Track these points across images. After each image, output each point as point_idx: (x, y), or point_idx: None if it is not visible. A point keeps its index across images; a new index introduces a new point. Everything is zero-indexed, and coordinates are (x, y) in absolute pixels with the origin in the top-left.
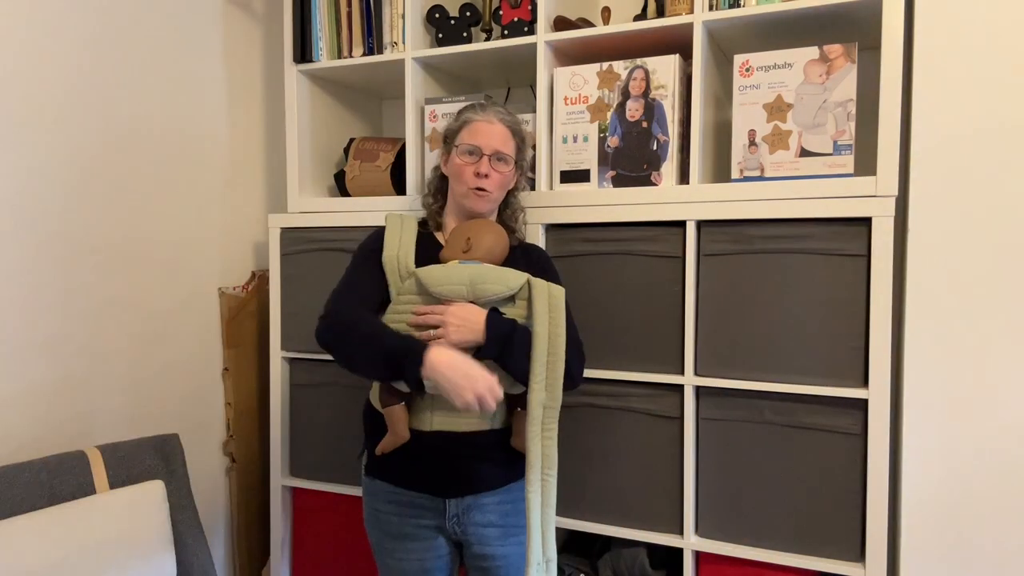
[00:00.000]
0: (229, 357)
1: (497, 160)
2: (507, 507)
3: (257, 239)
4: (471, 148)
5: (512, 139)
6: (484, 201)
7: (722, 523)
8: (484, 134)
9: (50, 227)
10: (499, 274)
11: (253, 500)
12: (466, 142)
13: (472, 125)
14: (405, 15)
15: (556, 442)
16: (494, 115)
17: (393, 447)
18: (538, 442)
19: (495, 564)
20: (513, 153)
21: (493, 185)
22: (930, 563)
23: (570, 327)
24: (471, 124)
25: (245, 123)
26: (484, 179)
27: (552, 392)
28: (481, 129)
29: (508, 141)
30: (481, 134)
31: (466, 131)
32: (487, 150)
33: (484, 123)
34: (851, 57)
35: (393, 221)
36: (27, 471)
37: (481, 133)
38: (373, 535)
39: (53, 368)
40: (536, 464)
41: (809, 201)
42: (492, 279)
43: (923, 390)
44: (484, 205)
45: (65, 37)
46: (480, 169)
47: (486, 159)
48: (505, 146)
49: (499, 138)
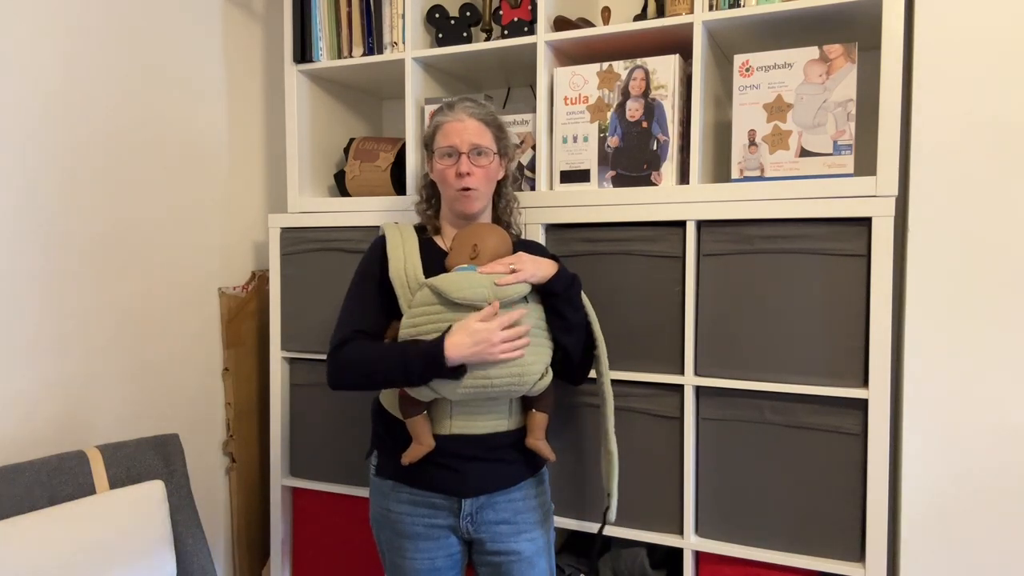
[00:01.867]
0: (229, 357)
1: (476, 155)
2: (519, 504)
3: (257, 239)
4: (447, 150)
5: (487, 130)
6: (474, 200)
7: (722, 523)
8: (456, 132)
9: (50, 227)
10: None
11: (253, 500)
12: (442, 145)
13: (444, 127)
14: (405, 15)
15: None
16: (463, 112)
17: (420, 456)
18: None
19: (508, 560)
20: (492, 144)
21: (478, 181)
22: (930, 563)
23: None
24: (443, 127)
25: (245, 123)
26: (467, 177)
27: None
28: (453, 129)
29: (483, 133)
30: (453, 133)
31: (439, 134)
32: (463, 147)
33: (455, 122)
34: (851, 57)
35: (392, 232)
36: (27, 471)
37: (453, 132)
38: (382, 535)
39: (53, 368)
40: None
41: (809, 201)
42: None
43: (923, 390)
44: (475, 204)
45: (64, 37)
46: (461, 169)
47: (464, 157)
48: (481, 139)
49: (473, 132)
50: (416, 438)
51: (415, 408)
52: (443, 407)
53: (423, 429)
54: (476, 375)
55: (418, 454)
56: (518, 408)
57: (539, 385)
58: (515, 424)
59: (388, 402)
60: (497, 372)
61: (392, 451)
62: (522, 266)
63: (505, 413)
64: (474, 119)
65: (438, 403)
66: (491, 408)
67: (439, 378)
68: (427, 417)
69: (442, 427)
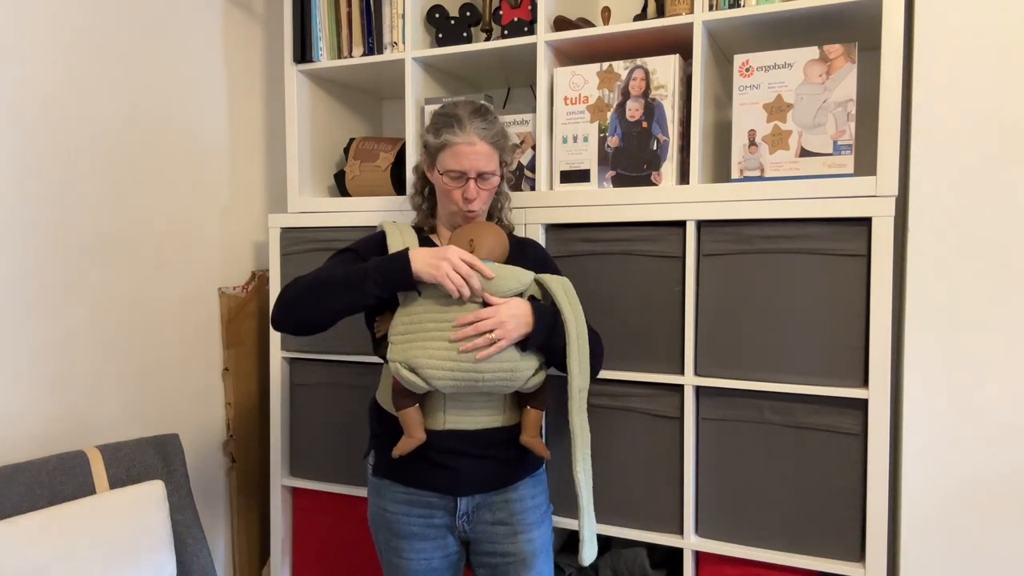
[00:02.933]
0: (229, 357)
1: (483, 180)
2: (516, 505)
3: (257, 239)
4: (455, 173)
5: (495, 153)
6: (475, 217)
7: (722, 523)
8: (467, 157)
9: (49, 227)
10: (511, 271)
11: (253, 500)
12: (450, 168)
13: (455, 148)
14: (405, 15)
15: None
16: (474, 133)
17: (410, 449)
18: (578, 424)
19: (504, 561)
20: (498, 167)
21: (481, 203)
22: (930, 563)
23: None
24: (453, 148)
25: (245, 123)
26: (474, 201)
27: (584, 374)
28: (463, 152)
29: (492, 158)
30: (464, 157)
31: (449, 154)
32: (472, 173)
33: (466, 145)
34: (851, 57)
35: (392, 229)
36: (27, 471)
37: (464, 156)
38: (380, 535)
39: (53, 368)
40: (579, 444)
41: (809, 201)
42: (507, 276)
43: (923, 390)
44: (475, 219)
45: (65, 37)
46: (468, 194)
47: (472, 183)
48: (489, 164)
49: (483, 159)
50: (407, 430)
51: (407, 400)
52: (436, 401)
53: (414, 421)
54: (465, 368)
55: (408, 447)
56: (513, 404)
57: (532, 382)
58: (509, 420)
59: (384, 399)
60: (488, 367)
61: (388, 450)
62: (504, 333)
63: (499, 408)
64: (485, 143)
65: (431, 397)
66: (484, 403)
67: (395, 286)
68: (419, 410)
69: (435, 421)
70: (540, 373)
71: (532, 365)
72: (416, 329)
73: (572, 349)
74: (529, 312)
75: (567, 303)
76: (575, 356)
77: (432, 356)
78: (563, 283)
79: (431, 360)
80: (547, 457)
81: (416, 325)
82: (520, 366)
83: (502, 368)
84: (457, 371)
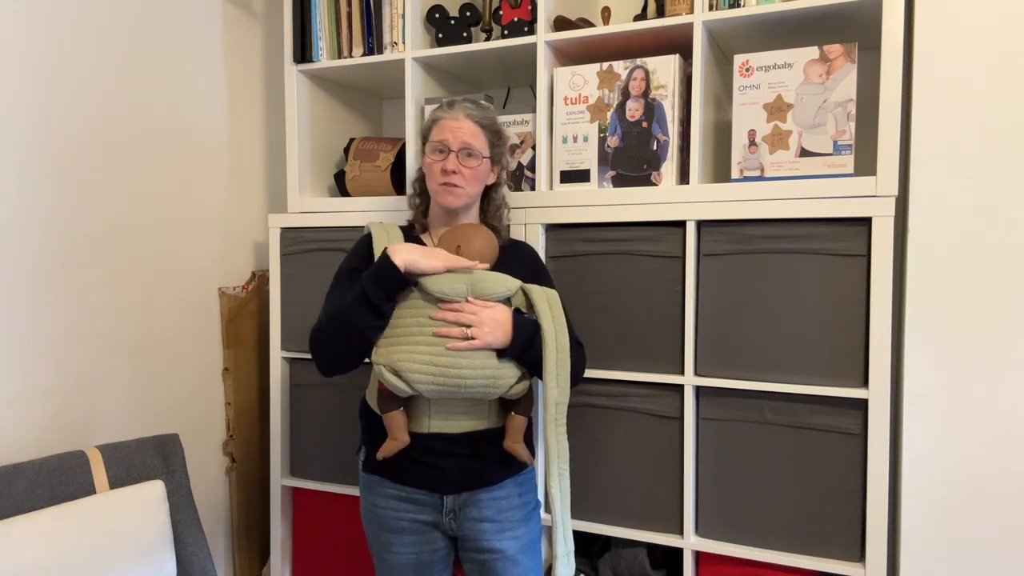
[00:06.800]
0: (229, 357)
1: (466, 156)
2: (503, 503)
3: (257, 239)
4: (439, 145)
5: (483, 134)
6: (454, 196)
7: (722, 523)
8: (450, 129)
9: (49, 227)
10: (497, 276)
11: (253, 500)
12: (434, 139)
13: (440, 123)
14: (405, 15)
15: (567, 435)
16: (461, 112)
17: (394, 452)
18: (553, 438)
19: (491, 558)
20: (484, 149)
21: (463, 180)
22: (930, 563)
23: (569, 328)
24: (439, 122)
25: (245, 123)
26: (452, 175)
27: (562, 388)
28: (447, 126)
29: (477, 136)
30: (447, 129)
31: (435, 129)
32: (454, 145)
33: (451, 120)
34: (851, 57)
35: (378, 230)
36: (27, 471)
37: (447, 129)
38: (370, 529)
39: (53, 368)
40: (554, 459)
41: (809, 201)
42: (491, 280)
43: (923, 390)
44: (455, 200)
45: (65, 37)
46: (447, 166)
47: (453, 155)
48: (474, 140)
49: (466, 133)
50: (391, 433)
51: (392, 404)
52: (421, 405)
53: (398, 425)
54: (447, 373)
55: (392, 449)
56: (498, 409)
57: (515, 389)
58: (494, 424)
59: (372, 399)
60: (470, 372)
61: (377, 447)
62: (480, 334)
63: (484, 413)
64: (471, 121)
65: (416, 401)
66: (469, 408)
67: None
68: (404, 413)
69: (420, 425)
70: (524, 381)
71: (515, 373)
72: (401, 333)
73: (549, 363)
74: (509, 322)
75: (549, 316)
76: (552, 370)
77: (415, 360)
78: (548, 294)
79: (414, 364)
80: (531, 463)
81: (401, 329)
82: (502, 373)
83: (484, 375)
84: (439, 375)
